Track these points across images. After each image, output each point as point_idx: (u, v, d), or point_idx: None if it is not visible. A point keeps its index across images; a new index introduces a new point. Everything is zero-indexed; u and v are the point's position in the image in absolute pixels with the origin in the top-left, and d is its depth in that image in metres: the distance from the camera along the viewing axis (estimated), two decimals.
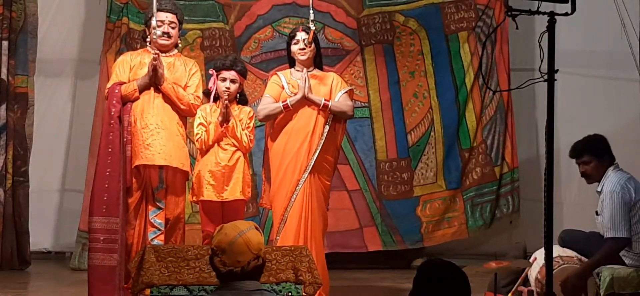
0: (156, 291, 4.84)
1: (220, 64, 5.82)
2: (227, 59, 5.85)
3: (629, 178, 5.41)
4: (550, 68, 4.40)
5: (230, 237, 3.27)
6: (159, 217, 5.65)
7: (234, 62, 5.81)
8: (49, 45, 8.09)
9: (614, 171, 5.43)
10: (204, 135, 5.71)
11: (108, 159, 5.58)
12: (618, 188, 5.31)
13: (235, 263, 3.24)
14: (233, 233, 3.29)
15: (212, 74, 5.82)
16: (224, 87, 5.73)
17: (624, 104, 7.89)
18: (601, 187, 5.43)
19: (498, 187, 7.85)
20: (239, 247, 3.25)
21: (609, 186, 5.35)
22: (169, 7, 5.83)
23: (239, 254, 3.24)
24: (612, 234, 5.29)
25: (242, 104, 5.88)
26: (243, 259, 3.24)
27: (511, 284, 5.44)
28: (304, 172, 5.66)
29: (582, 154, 5.54)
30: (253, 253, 3.26)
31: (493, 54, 7.81)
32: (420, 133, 7.85)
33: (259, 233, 3.34)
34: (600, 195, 5.44)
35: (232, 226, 3.35)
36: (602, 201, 5.39)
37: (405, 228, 7.77)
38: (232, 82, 5.76)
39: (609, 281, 5.23)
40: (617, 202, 5.28)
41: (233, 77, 5.76)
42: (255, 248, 3.28)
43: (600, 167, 5.47)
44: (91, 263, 5.58)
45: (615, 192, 5.30)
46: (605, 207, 5.33)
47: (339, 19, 7.90)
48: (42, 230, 8.02)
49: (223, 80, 5.76)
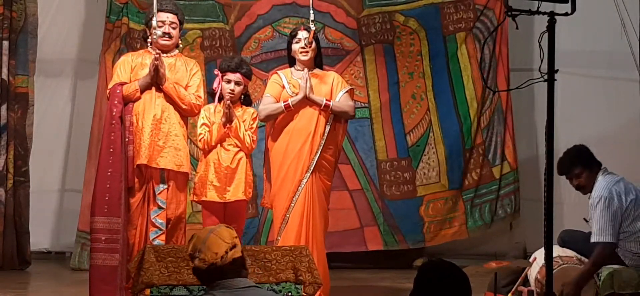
0: (156, 291, 4.84)
1: (225, 65, 5.82)
2: (232, 61, 5.85)
3: (618, 181, 5.40)
4: (550, 68, 4.40)
5: (202, 237, 3.41)
6: (161, 216, 5.65)
7: (240, 65, 5.81)
8: (49, 45, 8.09)
9: (602, 176, 5.44)
10: (207, 135, 5.72)
11: (110, 159, 5.58)
12: (606, 193, 5.31)
13: (214, 255, 3.35)
14: (204, 233, 3.44)
15: (217, 75, 5.82)
16: (229, 89, 5.74)
17: (624, 104, 7.89)
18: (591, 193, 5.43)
19: (498, 187, 7.85)
20: (213, 241, 3.38)
21: (597, 191, 5.36)
22: (169, 7, 5.83)
23: (214, 246, 3.37)
24: (596, 239, 5.30)
25: (246, 105, 5.89)
26: (220, 250, 3.36)
27: (511, 284, 5.45)
28: (306, 172, 5.66)
29: (571, 169, 5.53)
30: (227, 242, 3.38)
31: (493, 54, 7.81)
32: (419, 134, 7.86)
33: (229, 228, 3.46)
34: (590, 200, 5.44)
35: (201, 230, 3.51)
36: (590, 207, 5.40)
37: (408, 228, 7.77)
38: (237, 85, 5.76)
39: (609, 281, 5.24)
40: (603, 207, 5.28)
41: (238, 79, 5.77)
42: (228, 238, 3.40)
43: (591, 176, 5.47)
44: (93, 263, 5.58)
45: (602, 196, 5.30)
46: (594, 213, 5.34)
47: (339, 19, 7.90)
48: (42, 230, 8.02)
49: (228, 82, 5.76)
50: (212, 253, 3.34)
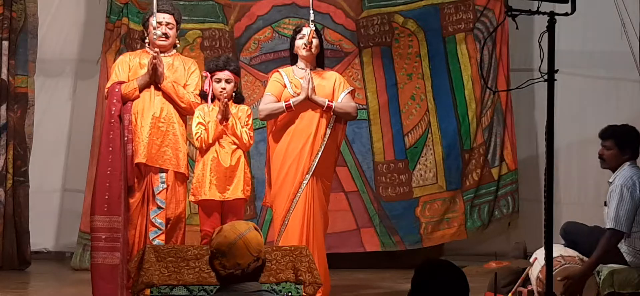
0: (156, 291, 4.84)
1: (213, 65, 5.82)
2: (219, 60, 5.85)
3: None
4: (550, 68, 4.39)
5: (229, 239, 3.25)
6: (160, 216, 5.65)
7: (227, 62, 5.80)
8: (49, 45, 8.09)
9: (630, 166, 5.43)
10: (204, 134, 5.71)
11: (109, 158, 5.59)
12: (630, 183, 5.32)
13: (235, 265, 3.22)
14: (232, 235, 3.27)
15: (206, 76, 5.82)
16: (220, 87, 5.73)
17: (624, 104, 7.89)
18: (613, 178, 5.44)
19: (497, 188, 7.85)
20: (239, 250, 3.23)
21: (621, 179, 5.36)
22: (165, 7, 5.84)
23: (239, 257, 3.22)
24: (612, 225, 5.30)
25: (238, 103, 5.87)
26: (243, 261, 3.23)
27: (511, 284, 5.44)
28: (306, 174, 5.65)
29: (607, 137, 5.54)
30: (253, 255, 3.25)
31: (493, 55, 7.81)
32: (418, 135, 7.84)
33: (258, 234, 3.33)
34: (610, 185, 5.44)
35: (231, 227, 3.33)
36: (611, 192, 5.40)
37: (404, 229, 7.76)
38: (227, 82, 5.75)
39: (609, 281, 5.24)
40: (625, 197, 5.29)
41: (227, 77, 5.76)
42: (255, 249, 3.26)
43: (618, 157, 5.47)
44: (93, 261, 5.59)
45: (625, 186, 5.31)
46: (613, 199, 5.34)
47: (338, 20, 7.89)
48: (42, 230, 8.02)
49: (218, 81, 5.75)
50: (234, 262, 3.21)
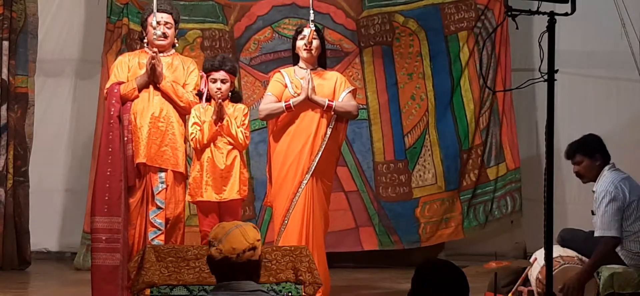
0: (156, 291, 4.84)
1: (209, 65, 5.81)
2: (215, 60, 5.84)
3: (625, 178, 5.41)
4: (550, 68, 4.40)
5: (226, 229, 3.35)
6: (159, 216, 5.65)
7: (223, 62, 5.79)
8: (49, 45, 8.09)
9: (609, 171, 5.44)
10: (199, 134, 5.70)
11: (108, 159, 5.59)
12: (611, 188, 5.32)
13: (231, 250, 3.28)
14: (230, 225, 3.36)
15: (202, 76, 5.82)
16: (215, 88, 5.73)
17: (624, 104, 7.89)
18: (596, 187, 5.44)
19: (494, 188, 7.85)
20: (235, 236, 3.31)
21: (603, 185, 5.37)
22: (164, 7, 5.84)
23: (234, 242, 3.29)
24: (600, 233, 5.31)
25: (236, 102, 5.87)
26: (238, 247, 3.28)
27: (511, 284, 5.44)
28: (306, 174, 5.65)
29: (574, 154, 5.56)
30: (249, 242, 3.31)
31: (493, 54, 7.81)
32: (417, 135, 7.84)
33: (256, 230, 3.39)
34: (594, 194, 5.45)
35: (230, 222, 3.43)
36: (596, 200, 5.41)
37: (403, 229, 7.77)
38: (223, 82, 5.75)
39: (609, 281, 5.24)
40: (609, 202, 5.29)
41: (223, 77, 5.75)
42: (252, 239, 3.32)
43: (592, 166, 5.49)
44: (94, 263, 5.59)
45: (608, 191, 5.32)
46: (599, 207, 5.35)
47: (338, 20, 7.89)
48: (42, 230, 8.02)
49: (214, 81, 5.75)
50: (229, 247, 3.28)
